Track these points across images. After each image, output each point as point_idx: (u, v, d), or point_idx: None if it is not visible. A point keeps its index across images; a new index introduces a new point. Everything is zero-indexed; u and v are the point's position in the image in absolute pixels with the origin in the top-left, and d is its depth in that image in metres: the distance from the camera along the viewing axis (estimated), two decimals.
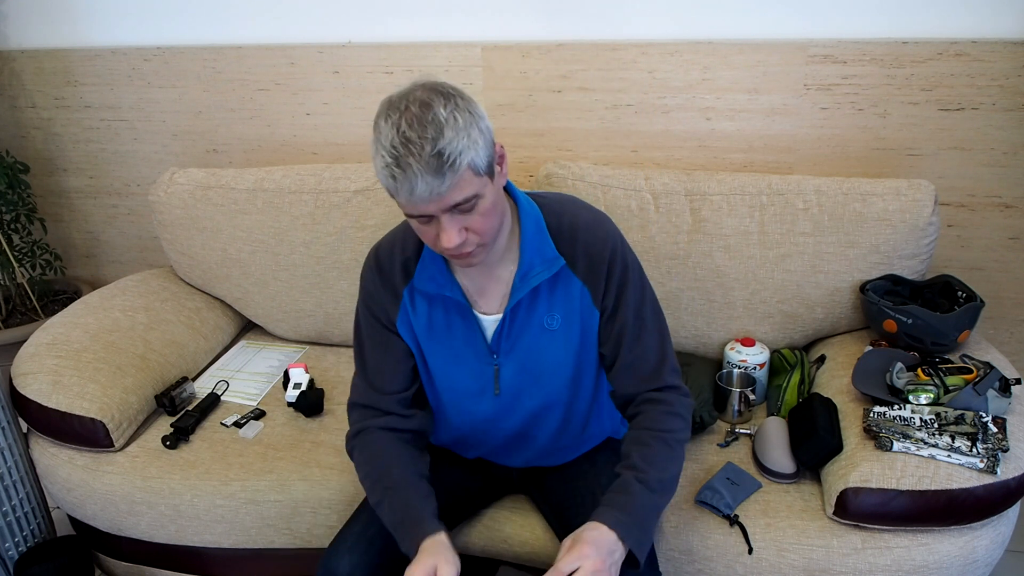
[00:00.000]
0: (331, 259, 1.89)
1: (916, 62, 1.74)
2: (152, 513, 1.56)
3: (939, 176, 1.84)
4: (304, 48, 2.05)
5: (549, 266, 1.16)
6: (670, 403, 1.19)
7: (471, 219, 1.02)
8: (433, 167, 0.94)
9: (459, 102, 0.98)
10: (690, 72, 1.86)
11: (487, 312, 1.21)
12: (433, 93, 0.97)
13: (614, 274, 1.18)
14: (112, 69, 2.19)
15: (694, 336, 1.78)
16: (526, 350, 1.22)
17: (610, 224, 1.21)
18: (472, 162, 0.97)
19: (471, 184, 0.98)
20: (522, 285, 1.16)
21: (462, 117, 0.96)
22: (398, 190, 0.97)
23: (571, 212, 1.20)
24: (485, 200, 1.02)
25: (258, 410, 1.73)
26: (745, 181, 1.71)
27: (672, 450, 1.16)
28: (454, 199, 0.98)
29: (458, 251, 1.04)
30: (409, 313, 1.22)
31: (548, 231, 1.17)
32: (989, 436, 1.30)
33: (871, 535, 1.32)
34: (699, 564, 1.37)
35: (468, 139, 0.96)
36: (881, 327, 1.59)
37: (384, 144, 0.96)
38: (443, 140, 0.94)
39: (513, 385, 1.25)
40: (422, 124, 0.94)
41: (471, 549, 1.45)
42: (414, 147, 0.94)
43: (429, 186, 0.95)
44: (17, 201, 2.27)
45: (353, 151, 2.15)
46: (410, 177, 0.94)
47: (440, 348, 1.24)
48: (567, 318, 1.20)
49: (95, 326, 1.74)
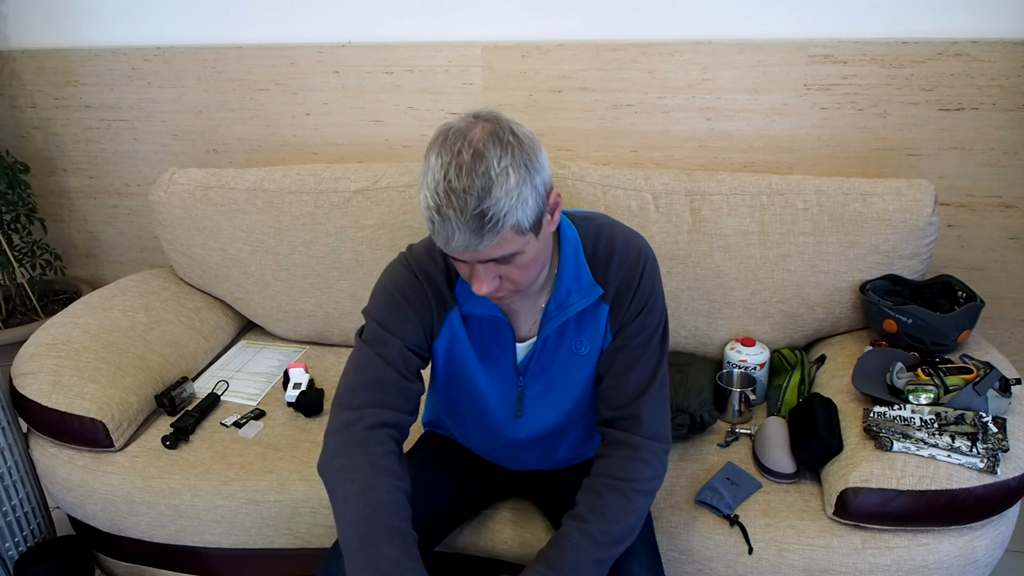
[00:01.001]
0: (331, 259, 1.89)
1: (916, 62, 1.74)
2: (152, 513, 1.56)
3: (939, 176, 1.84)
4: (304, 48, 2.05)
5: (587, 295, 1.12)
6: (637, 448, 1.10)
7: (509, 270, 0.99)
8: (473, 226, 0.89)
9: (516, 154, 0.91)
10: (690, 72, 1.86)
11: (519, 335, 1.18)
12: (492, 140, 0.91)
13: (638, 296, 1.13)
14: (112, 69, 2.19)
15: (694, 336, 1.78)
16: (554, 374, 1.19)
17: (643, 247, 1.15)
18: (517, 222, 0.92)
19: (512, 243, 0.94)
20: (558, 314, 1.12)
21: (516, 174, 0.90)
22: (436, 234, 0.93)
23: (608, 235, 1.14)
24: (525, 256, 0.97)
25: (258, 410, 1.73)
26: (745, 181, 1.71)
27: (629, 501, 1.08)
28: (491, 255, 0.94)
29: (493, 296, 1.02)
30: (458, 335, 1.16)
31: (584, 256, 1.13)
32: (989, 436, 1.30)
33: (871, 535, 1.32)
34: (699, 564, 1.37)
35: (518, 199, 0.90)
36: (881, 327, 1.59)
37: (429, 185, 0.91)
38: (489, 200, 0.89)
39: (535, 407, 1.23)
40: (471, 176, 0.88)
41: (471, 549, 1.45)
42: (457, 200, 0.89)
43: (466, 242, 0.91)
44: (17, 201, 2.27)
45: (353, 151, 2.15)
46: (447, 228, 0.90)
47: (473, 370, 1.20)
48: (593, 343, 1.16)
49: (95, 326, 1.74)
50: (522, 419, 1.24)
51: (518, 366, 1.19)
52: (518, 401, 1.22)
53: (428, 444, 1.46)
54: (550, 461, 1.36)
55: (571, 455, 1.35)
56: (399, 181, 1.85)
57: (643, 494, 1.10)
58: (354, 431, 1.07)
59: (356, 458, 1.05)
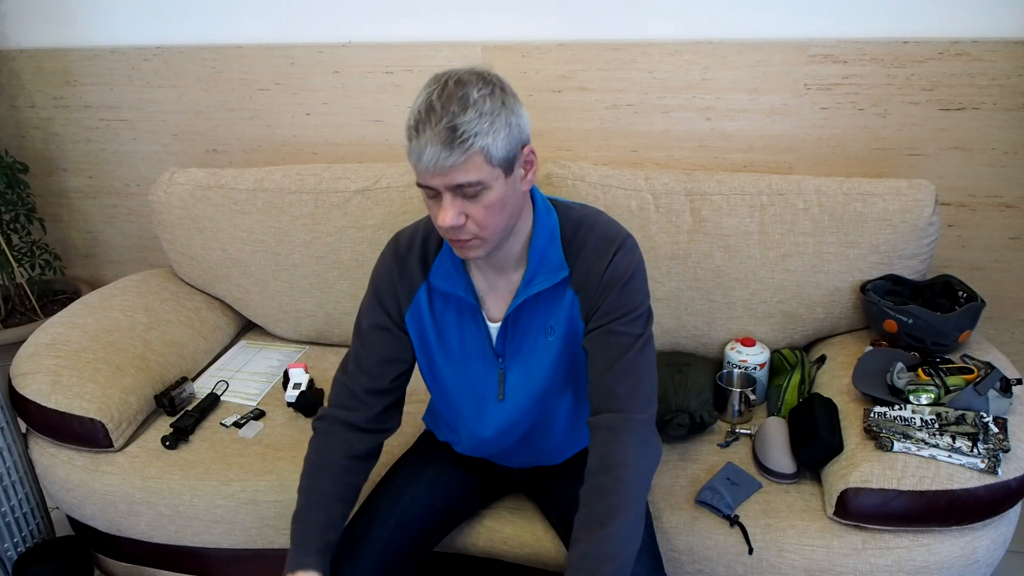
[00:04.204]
0: (331, 259, 1.89)
1: (917, 62, 1.74)
2: (151, 513, 1.56)
3: (939, 176, 1.84)
4: (304, 48, 2.05)
5: (552, 275, 1.15)
6: (613, 427, 1.08)
7: (473, 207, 1.02)
8: (443, 138, 0.95)
9: (497, 92, 0.99)
10: (690, 72, 1.86)
11: (494, 315, 1.21)
12: (476, 76, 0.99)
13: (610, 293, 1.12)
14: (112, 69, 2.19)
15: (694, 336, 1.78)
16: (528, 355, 1.21)
17: (627, 243, 1.15)
18: (485, 148, 0.97)
19: (479, 170, 0.98)
20: (524, 291, 1.16)
21: (492, 103, 0.98)
22: (411, 153, 0.99)
23: (590, 224, 1.16)
24: (491, 192, 1.01)
25: (258, 410, 1.73)
26: (745, 181, 1.71)
27: (619, 493, 1.05)
28: (457, 179, 0.98)
29: (454, 234, 1.04)
30: (423, 310, 1.22)
31: (561, 240, 1.16)
32: (990, 436, 1.29)
33: (872, 535, 1.32)
34: (699, 564, 1.36)
35: (490, 125, 0.97)
36: (881, 327, 1.59)
37: (412, 110, 0.99)
38: (462, 117, 0.96)
39: (517, 390, 1.24)
40: (450, 99, 0.96)
41: (471, 549, 1.44)
42: (434, 116, 0.96)
43: (436, 156, 0.96)
44: (16, 201, 2.27)
45: (353, 151, 2.15)
46: (422, 143, 0.97)
47: (448, 348, 1.24)
48: (560, 327, 1.18)
49: (94, 326, 1.74)
50: (505, 403, 1.25)
51: (495, 348, 1.22)
52: (500, 384, 1.24)
53: (427, 443, 1.46)
54: (543, 453, 1.35)
55: (562, 444, 1.34)
56: (399, 181, 1.85)
57: (635, 477, 1.06)
58: (316, 426, 1.26)
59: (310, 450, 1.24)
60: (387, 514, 1.29)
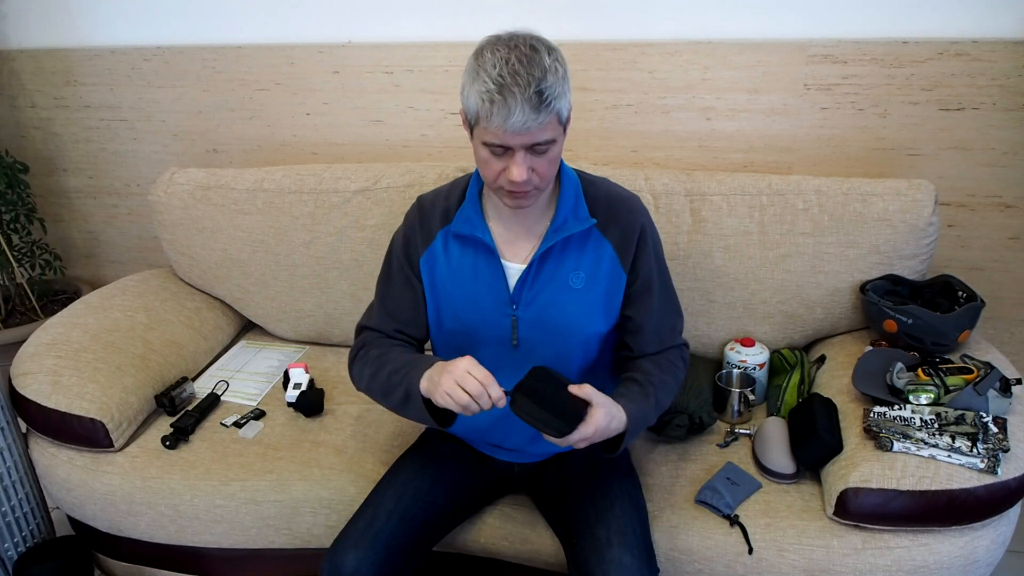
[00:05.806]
0: (331, 259, 1.89)
1: (916, 62, 1.74)
2: (152, 513, 1.56)
3: (939, 176, 1.84)
4: (304, 48, 2.05)
5: (582, 222, 1.24)
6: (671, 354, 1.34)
7: (540, 161, 1.11)
8: (534, 103, 1.03)
9: (559, 57, 1.09)
10: (690, 72, 1.86)
11: (513, 262, 1.26)
12: (539, 42, 1.08)
13: (645, 245, 1.27)
14: (112, 69, 2.19)
15: (694, 336, 1.78)
16: (546, 304, 1.25)
17: (641, 203, 1.31)
18: (560, 110, 1.08)
19: (554, 129, 1.09)
20: (553, 236, 1.23)
21: (561, 68, 1.08)
22: (492, 115, 1.05)
23: (606, 187, 1.31)
24: (556, 147, 1.12)
25: (258, 410, 1.73)
26: (745, 181, 1.71)
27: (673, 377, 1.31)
28: (537, 138, 1.07)
29: (521, 187, 1.12)
30: (438, 253, 1.29)
31: (584, 198, 1.27)
32: (990, 436, 1.29)
33: (871, 535, 1.32)
34: (699, 564, 1.37)
35: (563, 89, 1.07)
36: (881, 327, 1.59)
37: (489, 72, 1.05)
38: (546, 83, 1.04)
39: (530, 338, 1.27)
40: (531, 64, 1.04)
41: (472, 547, 1.45)
42: (521, 80, 1.03)
43: (525, 118, 1.04)
44: (17, 201, 2.27)
45: (353, 151, 2.15)
46: (511, 105, 1.03)
47: (460, 291, 1.28)
48: (592, 279, 1.26)
49: (95, 326, 1.74)
50: (519, 349, 1.28)
51: (512, 294, 1.26)
52: (513, 330, 1.27)
53: (428, 441, 1.46)
54: None
55: None
56: (399, 181, 1.85)
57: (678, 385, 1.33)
58: (367, 350, 1.33)
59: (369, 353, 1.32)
60: (391, 509, 1.29)
